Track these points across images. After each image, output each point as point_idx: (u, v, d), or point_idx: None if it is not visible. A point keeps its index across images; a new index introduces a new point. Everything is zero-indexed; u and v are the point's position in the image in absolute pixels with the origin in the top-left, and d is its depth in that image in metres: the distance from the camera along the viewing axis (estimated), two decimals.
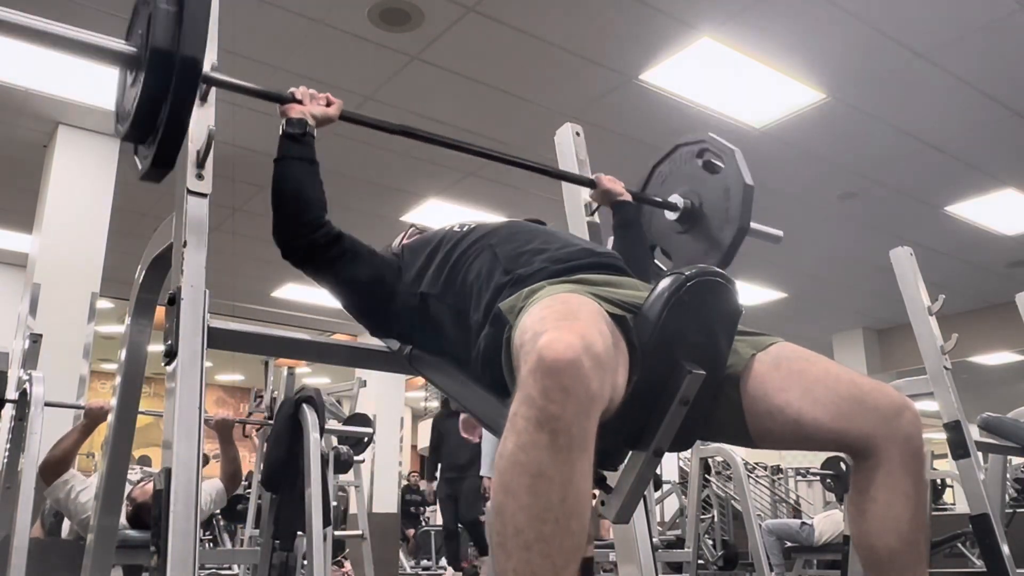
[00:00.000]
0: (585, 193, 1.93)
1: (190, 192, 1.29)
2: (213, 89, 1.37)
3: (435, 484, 6.41)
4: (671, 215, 1.80)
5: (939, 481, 7.47)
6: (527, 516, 0.84)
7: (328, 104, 1.51)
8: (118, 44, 1.26)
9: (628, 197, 1.81)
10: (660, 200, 1.81)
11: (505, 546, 0.85)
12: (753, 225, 1.70)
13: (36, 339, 3.11)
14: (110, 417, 1.47)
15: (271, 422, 3.21)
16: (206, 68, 1.30)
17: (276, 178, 1.43)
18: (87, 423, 3.01)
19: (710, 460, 5.97)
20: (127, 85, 1.31)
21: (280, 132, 1.46)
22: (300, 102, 1.48)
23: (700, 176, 1.77)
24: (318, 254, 1.43)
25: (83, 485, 3.00)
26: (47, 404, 2.76)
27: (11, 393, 2.93)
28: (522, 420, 0.85)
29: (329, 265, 1.44)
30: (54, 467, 2.97)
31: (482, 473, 3.85)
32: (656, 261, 1.88)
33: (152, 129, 1.21)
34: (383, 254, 1.51)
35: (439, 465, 6.22)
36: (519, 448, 0.85)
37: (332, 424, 3.93)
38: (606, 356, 0.89)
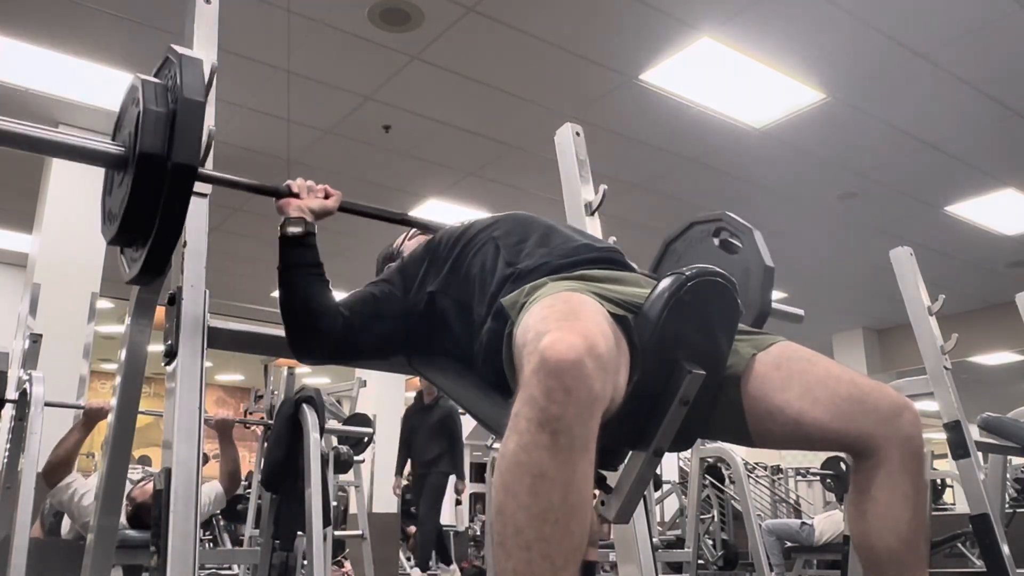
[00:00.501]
0: (586, 192, 1.93)
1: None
2: (213, 89, 1.36)
3: (404, 477, 6.37)
4: None
5: (939, 481, 7.47)
6: (527, 516, 0.84)
7: (327, 196, 1.45)
8: (104, 146, 1.20)
9: None
10: None
11: (505, 545, 0.85)
12: (775, 306, 1.65)
13: (36, 339, 3.11)
14: (110, 417, 1.47)
15: (270, 422, 3.21)
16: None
17: (283, 290, 1.35)
18: (86, 422, 3.01)
19: (721, 467, 5.92)
20: (114, 184, 1.23)
21: (279, 234, 1.37)
22: (297, 195, 1.42)
23: (717, 256, 1.71)
24: (337, 351, 1.38)
25: (85, 488, 3.00)
26: (47, 404, 2.76)
27: (11, 393, 2.93)
28: (524, 420, 0.85)
29: (351, 351, 1.40)
30: (57, 469, 2.97)
31: None
32: None
33: (143, 234, 1.15)
34: (379, 291, 1.42)
35: (408, 461, 6.15)
36: (520, 448, 0.85)
37: (332, 424, 3.93)
38: (608, 357, 0.89)
